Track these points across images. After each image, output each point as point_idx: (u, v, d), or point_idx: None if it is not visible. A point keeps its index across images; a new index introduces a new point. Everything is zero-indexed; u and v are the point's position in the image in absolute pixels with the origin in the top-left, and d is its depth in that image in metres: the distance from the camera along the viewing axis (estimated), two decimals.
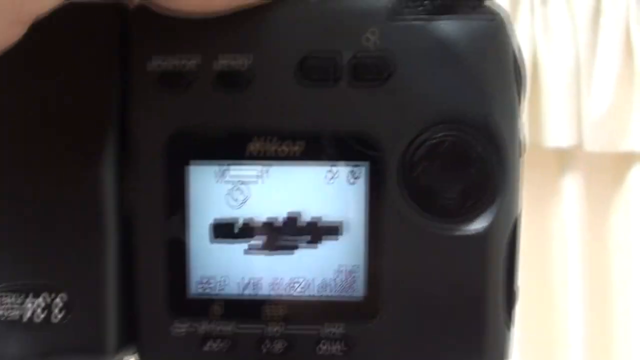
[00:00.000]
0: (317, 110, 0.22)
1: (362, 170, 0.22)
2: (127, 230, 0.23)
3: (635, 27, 1.38)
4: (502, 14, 0.22)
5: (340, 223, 0.22)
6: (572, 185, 1.44)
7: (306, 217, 0.22)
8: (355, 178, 0.22)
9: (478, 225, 0.22)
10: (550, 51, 1.39)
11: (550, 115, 1.38)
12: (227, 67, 0.22)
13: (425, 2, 0.21)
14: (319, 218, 0.22)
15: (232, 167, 0.22)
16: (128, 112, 0.22)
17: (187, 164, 0.22)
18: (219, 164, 0.22)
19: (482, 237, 0.21)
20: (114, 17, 0.22)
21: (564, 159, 1.43)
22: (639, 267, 1.43)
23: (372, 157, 0.22)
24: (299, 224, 0.22)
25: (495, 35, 0.21)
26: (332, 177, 0.22)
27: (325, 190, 0.22)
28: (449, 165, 0.21)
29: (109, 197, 0.22)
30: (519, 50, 0.22)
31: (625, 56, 1.38)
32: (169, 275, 0.23)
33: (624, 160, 1.43)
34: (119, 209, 0.23)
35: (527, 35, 1.37)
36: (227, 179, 0.22)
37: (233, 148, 0.22)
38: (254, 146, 0.22)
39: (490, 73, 0.21)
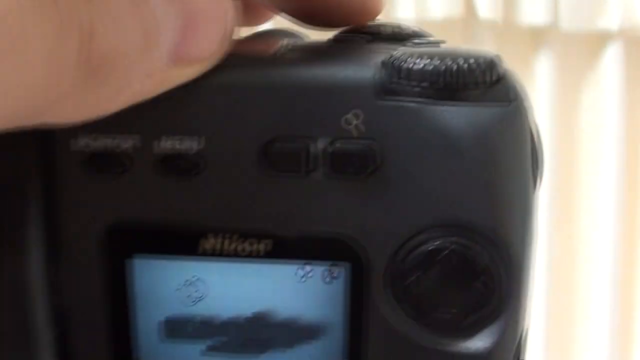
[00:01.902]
0: (285, 205, 0.18)
1: (342, 270, 0.18)
2: (62, 334, 0.19)
3: None
4: (518, 98, 0.17)
5: (316, 326, 0.19)
6: (545, 64, 1.42)
7: (277, 316, 0.19)
8: (333, 277, 0.18)
9: (480, 342, 0.18)
10: None
11: None
12: (171, 150, 0.18)
13: (424, 83, 0.17)
14: (292, 318, 0.19)
15: (183, 263, 0.19)
16: (54, 200, 0.18)
17: (130, 257, 0.19)
18: (167, 259, 0.19)
19: (484, 357, 0.18)
20: None
21: (539, 37, 1.41)
22: (607, 149, 1.44)
23: (354, 259, 0.18)
24: (267, 323, 0.19)
25: (508, 125, 0.17)
26: (304, 276, 0.19)
27: (297, 288, 0.19)
28: (447, 276, 0.18)
29: (37, 295, 0.19)
30: (538, 135, 0.18)
31: None
32: None
33: (599, 40, 1.40)
34: (52, 309, 0.19)
35: None
36: (178, 274, 0.19)
37: (183, 244, 0.18)
38: (208, 243, 0.18)
39: (501, 169, 0.17)
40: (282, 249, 0.18)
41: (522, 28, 1.36)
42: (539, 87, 1.43)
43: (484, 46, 1.38)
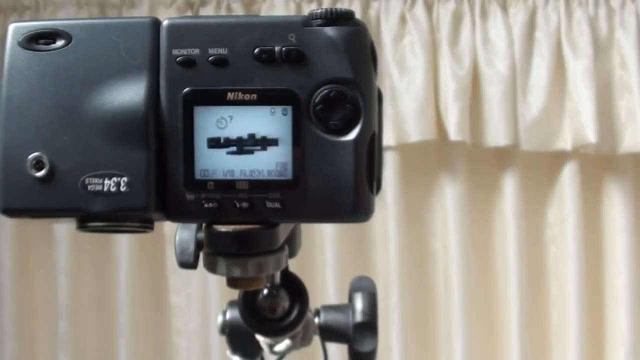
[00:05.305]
0: (264, 77, 0.40)
1: (289, 109, 0.41)
2: (160, 138, 0.41)
3: (565, 41, 1.53)
4: (363, 24, 0.40)
5: (278, 138, 0.41)
6: (510, 181, 1.57)
7: (259, 134, 0.41)
8: (285, 113, 0.41)
9: (351, 136, 0.40)
10: (489, 62, 1.53)
11: (490, 118, 1.52)
12: (216, 55, 0.40)
13: (326, 17, 0.40)
14: (266, 135, 0.41)
15: (218, 108, 0.41)
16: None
17: (197, 105, 0.41)
18: (212, 106, 0.41)
19: (354, 143, 0.40)
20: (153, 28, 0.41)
21: (503, 156, 1.57)
22: (571, 257, 1.57)
23: (295, 102, 0.40)
24: (255, 138, 0.41)
25: (359, 36, 0.40)
26: (273, 113, 0.41)
27: (270, 120, 0.41)
28: (335, 104, 0.40)
29: (149, 108, 0.40)
30: (373, 43, 0.41)
31: (557, 66, 1.53)
32: (185, 167, 0.41)
33: (557, 159, 1.57)
34: (156, 123, 0.41)
35: (468, 47, 1.52)
36: (216, 113, 0.41)
37: (220, 97, 0.41)
38: (230, 96, 0.41)
39: (357, 56, 0.40)
40: (262, 98, 0.40)
41: (487, 149, 1.54)
42: (506, 202, 1.58)
43: (456, 165, 1.56)
